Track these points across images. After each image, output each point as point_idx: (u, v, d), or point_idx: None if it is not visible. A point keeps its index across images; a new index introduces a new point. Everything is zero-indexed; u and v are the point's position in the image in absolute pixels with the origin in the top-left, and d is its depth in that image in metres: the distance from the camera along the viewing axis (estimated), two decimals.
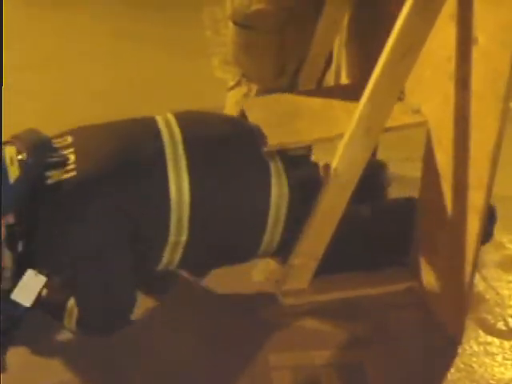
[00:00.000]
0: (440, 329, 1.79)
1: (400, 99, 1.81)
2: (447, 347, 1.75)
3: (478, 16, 1.48)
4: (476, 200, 1.57)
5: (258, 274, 2.00)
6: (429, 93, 1.76)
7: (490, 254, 2.14)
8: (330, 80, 2.32)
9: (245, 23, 2.06)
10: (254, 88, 2.15)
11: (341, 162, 1.71)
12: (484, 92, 1.49)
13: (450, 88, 1.62)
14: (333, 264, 1.83)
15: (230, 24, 2.11)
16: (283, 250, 1.82)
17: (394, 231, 1.90)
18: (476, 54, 1.50)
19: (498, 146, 1.48)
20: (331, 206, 1.77)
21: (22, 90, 3.08)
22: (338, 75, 2.79)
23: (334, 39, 2.19)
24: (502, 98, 1.42)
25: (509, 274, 2.07)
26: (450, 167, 1.67)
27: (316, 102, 1.98)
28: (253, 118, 1.92)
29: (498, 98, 1.43)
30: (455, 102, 1.61)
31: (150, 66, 3.55)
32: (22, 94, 3.04)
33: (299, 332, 1.80)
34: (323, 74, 2.27)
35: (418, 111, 1.81)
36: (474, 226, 1.60)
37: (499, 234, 2.25)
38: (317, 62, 2.17)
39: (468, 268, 1.65)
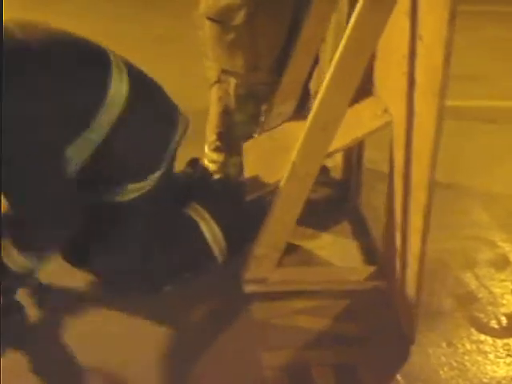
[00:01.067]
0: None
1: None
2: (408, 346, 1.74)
3: (423, 13, 1.48)
4: (420, 198, 1.57)
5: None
6: (392, 91, 1.77)
7: (482, 253, 2.14)
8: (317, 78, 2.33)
9: (216, 18, 2.13)
10: (233, 83, 2.20)
11: (299, 155, 1.75)
12: (425, 89, 1.49)
13: (404, 85, 1.63)
14: None
15: (204, 19, 2.17)
16: None
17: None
18: (420, 50, 1.51)
19: (436, 144, 1.47)
20: (291, 198, 1.81)
21: None
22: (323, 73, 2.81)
23: (322, 37, 2.21)
24: (438, 94, 1.42)
25: (501, 273, 2.05)
26: (402, 166, 1.67)
27: None
28: (249, 160, 2.13)
29: (434, 94, 1.43)
30: (407, 98, 1.61)
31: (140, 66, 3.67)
32: None
33: (292, 331, 1.82)
34: (311, 71, 2.29)
35: (385, 111, 1.82)
36: (418, 223, 1.59)
37: (492, 233, 2.22)
38: (304, 59, 2.21)
39: (415, 266, 1.64)
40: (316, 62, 2.31)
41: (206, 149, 2.39)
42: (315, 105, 1.69)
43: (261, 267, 1.92)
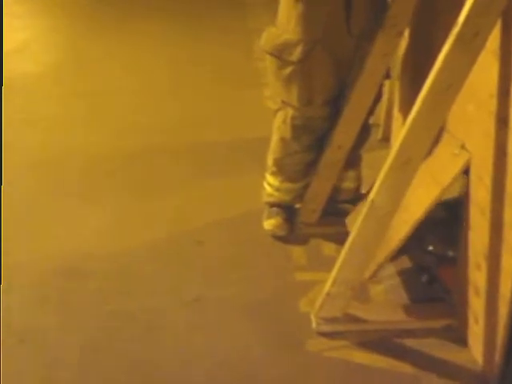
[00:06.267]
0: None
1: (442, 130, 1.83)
2: None
3: None
4: None
5: (306, 304, 2.02)
6: (472, 129, 1.76)
7: None
8: (380, 113, 2.35)
9: (275, 52, 2.15)
10: (290, 113, 2.23)
11: (379, 193, 1.73)
12: None
13: (491, 125, 1.61)
14: None
15: (265, 52, 2.21)
16: None
17: None
18: None
19: None
20: (369, 236, 1.79)
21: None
22: (389, 108, 2.83)
23: (383, 72, 2.21)
24: None
25: None
26: (489, 204, 1.65)
27: None
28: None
29: None
30: (496, 139, 1.60)
31: (203, 97, 3.72)
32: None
33: (346, 367, 1.80)
34: (373, 106, 2.29)
35: (462, 147, 1.81)
36: (510, 265, 1.56)
37: None
38: (366, 94, 2.21)
39: (504, 309, 1.61)
40: (378, 97, 2.31)
41: (267, 171, 2.44)
42: (398, 142, 1.68)
43: (334, 306, 1.89)
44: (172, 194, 2.74)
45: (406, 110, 2.26)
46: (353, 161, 2.40)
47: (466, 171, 1.78)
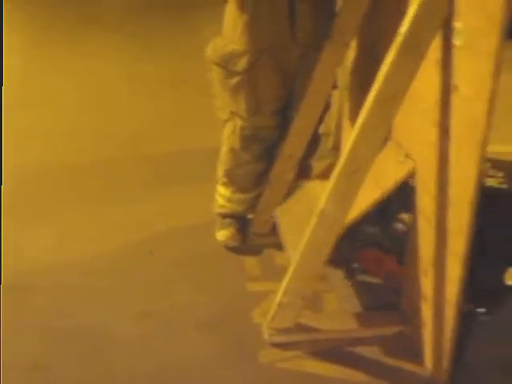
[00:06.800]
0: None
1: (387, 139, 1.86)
2: None
3: (458, 64, 1.51)
4: (457, 245, 1.57)
5: (259, 315, 2.01)
6: (416, 138, 1.79)
7: None
8: (330, 122, 2.36)
9: (220, 63, 2.15)
10: (238, 124, 2.23)
11: (328, 202, 1.74)
12: (464, 139, 1.51)
13: (434, 134, 1.64)
14: None
15: (211, 63, 2.20)
16: None
17: None
18: (456, 101, 1.53)
19: (476, 192, 1.48)
20: (318, 245, 1.79)
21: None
22: (340, 118, 2.86)
23: (332, 81, 2.24)
24: (479, 145, 1.44)
25: None
26: (433, 212, 1.68)
27: None
28: (284, 225, 2.19)
29: (476, 145, 1.45)
30: (439, 147, 1.63)
31: (158, 108, 3.71)
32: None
33: (298, 377, 1.80)
34: (322, 115, 2.31)
35: (407, 156, 1.84)
36: (455, 271, 1.59)
37: None
38: (315, 103, 2.22)
39: (450, 314, 1.64)
40: (327, 106, 2.33)
41: (218, 183, 2.43)
42: (345, 150, 1.69)
43: (286, 316, 1.88)
44: (125, 204, 2.70)
45: (354, 119, 2.27)
46: (304, 170, 2.41)
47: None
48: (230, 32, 2.15)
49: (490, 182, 1.75)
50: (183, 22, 5.29)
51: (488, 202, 1.60)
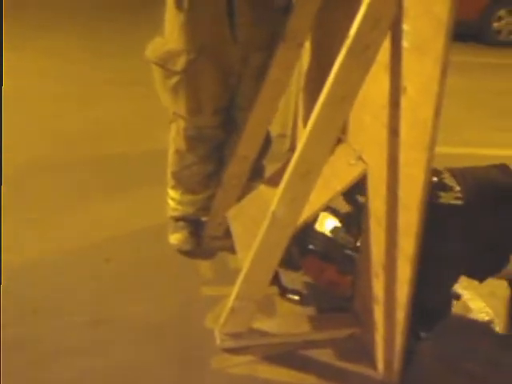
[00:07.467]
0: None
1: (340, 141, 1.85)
2: None
3: (407, 66, 1.52)
4: (407, 247, 1.57)
5: (212, 320, 1.97)
6: (368, 140, 1.79)
7: None
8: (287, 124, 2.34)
9: (158, 62, 2.11)
10: (182, 124, 2.20)
11: (279, 205, 1.72)
12: (412, 141, 1.51)
13: (384, 135, 1.65)
14: None
15: (150, 63, 2.16)
16: None
17: None
18: (405, 103, 1.53)
19: (424, 195, 1.49)
20: (270, 248, 1.77)
21: None
22: (296, 120, 2.86)
23: (286, 83, 2.23)
24: (426, 148, 1.45)
25: None
26: (384, 214, 1.68)
27: None
28: (236, 227, 2.15)
29: (423, 147, 1.46)
30: (388, 149, 1.63)
31: (108, 109, 3.64)
32: None
33: (250, 382, 1.77)
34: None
35: (359, 158, 1.84)
36: (405, 273, 1.59)
37: None
38: (269, 105, 2.20)
39: (401, 315, 1.64)
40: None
41: (168, 186, 2.38)
42: (296, 153, 1.68)
43: (238, 321, 1.85)
44: (77, 208, 2.63)
45: (308, 121, 2.28)
46: (257, 171, 2.39)
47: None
48: (168, 31, 2.11)
49: (445, 199, 1.76)
50: (133, 22, 5.23)
51: (442, 218, 1.64)
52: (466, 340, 1.98)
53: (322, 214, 2.08)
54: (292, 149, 2.99)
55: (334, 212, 2.08)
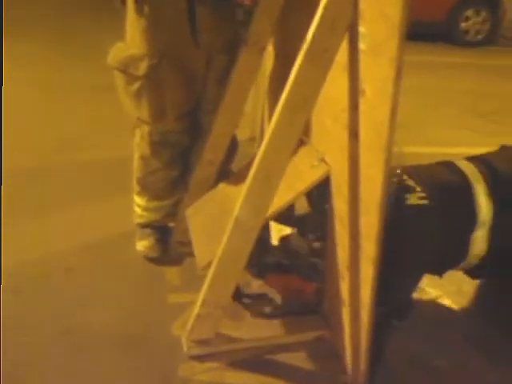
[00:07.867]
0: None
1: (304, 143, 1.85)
2: None
3: (365, 68, 1.52)
4: (368, 249, 1.58)
5: (179, 327, 1.95)
6: (330, 142, 1.79)
7: None
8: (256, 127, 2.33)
9: (120, 67, 2.10)
10: (146, 130, 2.18)
11: (242, 209, 1.71)
12: (370, 143, 1.52)
13: (345, 138, 1.65)
14: None
15: (112, 68, 2.14)
16: None
17: None
18: (363, 105, 1.54)
19: (383, 196, 1.49)
20: (235, 253, 1.76)
21: None
22: (263, 122, 2.86)
23: (250, 87, 2.22)
24: (384, 149, 1.45)
25: None
26: (347, 215, 1.68)
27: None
28: (194, 224, 2.10)
29: (381, 148, 1.46)
30: (349, 151, 1.63)
31: (76, 117, 3.59)
32: None
33: None
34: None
35: (322, 160, 1.84)
36: (368, 274, 1.60)
37: None
38: (234, 108, 2.20)
39: (366, 316, 1.64)
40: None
41: (133, 192, 2.36)
42: (258, 157, 1.67)
43: (205, 327, 1.84)
44: (40, 216, 2.58)
45: None
46: (224, 176, 2.38)
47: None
48: (130, 36, 2.10)
49: (411, 200, 1.78)
50: (103, 25, 5.18)
51: (413, 219, 1.66)
52: (433, 338, 2.00)
53: (274, 227, 2.08)
54: None
55: (285, 219, 2.07)
